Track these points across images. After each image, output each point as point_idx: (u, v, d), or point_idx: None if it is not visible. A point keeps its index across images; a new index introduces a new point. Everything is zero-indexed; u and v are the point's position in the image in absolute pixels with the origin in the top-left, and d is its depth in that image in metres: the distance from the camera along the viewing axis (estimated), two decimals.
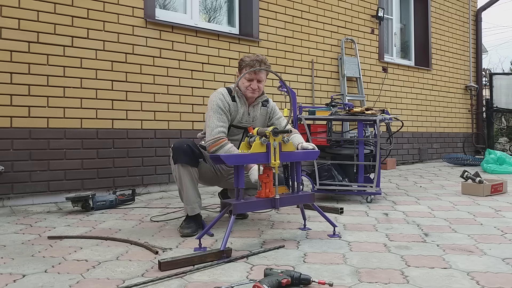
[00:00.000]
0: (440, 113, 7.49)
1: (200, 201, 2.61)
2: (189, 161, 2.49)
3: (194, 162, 2.52)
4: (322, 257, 2.02)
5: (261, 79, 2.63)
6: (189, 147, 2.49)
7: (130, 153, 3.98)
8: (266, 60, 2.64)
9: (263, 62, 2.61)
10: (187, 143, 2.51)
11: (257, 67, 2.56)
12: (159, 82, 4.16)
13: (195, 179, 2.55)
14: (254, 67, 2.56)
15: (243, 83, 2.62)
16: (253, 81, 2.60)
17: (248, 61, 2.60)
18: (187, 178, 2.50)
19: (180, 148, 2.48)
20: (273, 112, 2.81)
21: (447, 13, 7.67)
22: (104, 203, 3.29)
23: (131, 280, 1.74)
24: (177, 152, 2.48)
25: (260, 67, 2.57)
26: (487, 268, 1.84)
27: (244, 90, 2.63)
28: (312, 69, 5.51)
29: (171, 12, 4.54)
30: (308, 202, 2.42)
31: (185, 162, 2.48)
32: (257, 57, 2.62)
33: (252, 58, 2.61)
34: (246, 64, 2.60)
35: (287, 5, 5.26)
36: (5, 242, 2.35)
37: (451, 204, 3.37)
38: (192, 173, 2.52)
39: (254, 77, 2.60)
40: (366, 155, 3.63)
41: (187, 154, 2.48)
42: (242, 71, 2.63)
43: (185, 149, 2.48)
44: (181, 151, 2.48)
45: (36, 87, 3.51)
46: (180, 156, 2.48)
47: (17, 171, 3.42)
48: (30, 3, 3.48)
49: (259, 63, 2.59)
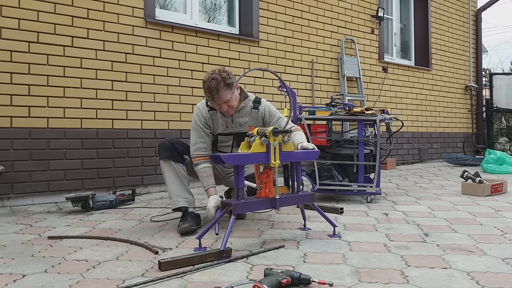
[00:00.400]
0: (440, 113, 7.49)
1: (191, 198, 2.63)
2: (171, 156, 2.59)
3: (176, 157, 2.61)
4: (322, 257, 2.02)
5: (225, 99, 2.47)
6: (171, 143, 2.60)
7: (130, 153, 3.98)
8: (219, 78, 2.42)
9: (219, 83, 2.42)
10: (169, 140, 2.64)
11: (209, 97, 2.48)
12: (159, 82, 4.16)
13: (180, 174, 2.61)
14: (211, 93, 2.44)
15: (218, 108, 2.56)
16: (221, 104, 2.51)
17: (205, 87, 2.46)
18: (170, 173, 2.60)
19: (162, 145, 2.62)
20: (270, 115, 2.67)
21: (447, 13, 7.67)
22: (104, 203, 3.29)
23: (131, 280, 1.74)
24: (160, 148, 2.62)
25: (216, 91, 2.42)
26: (487, 268, 1.84)
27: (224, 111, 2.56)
28: (312, 69, 5.51)
29: (171, 12, 4.54)
30: (308, 202, 2.41)
31: (166, 157, 2.58)
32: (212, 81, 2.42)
33: (208, 85, 2.44)
34: (205, 90, 2.48)
35: (287, 5, 5.26)
36: (5, 242, 2.35)
37: (451, 204, 3.37)
38: (175, 168, 2.60)
39: (218, 102, 2.49)
40: (366, 155, 3.63)
41: (168, 149, 2.59)
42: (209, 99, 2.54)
43: (166, 145, 2.60)
44: (163, 147, 2.61)
45: (36, 87, 3.51)
46: (162, 151, 2.61)
47: (17, 171, 3.42)
48: (30, 3, 3.48)
49: (215, 89, 2.42)
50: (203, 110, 2.65)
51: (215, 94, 2.44)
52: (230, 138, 2.68)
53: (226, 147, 2.70)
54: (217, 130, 2.66)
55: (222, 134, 2.67)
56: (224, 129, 2.66)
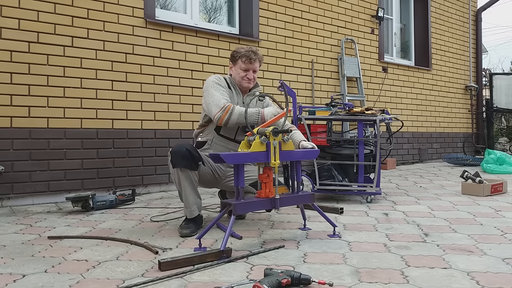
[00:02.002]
0: (440, 113, 7.49)
1: (200, 201, 2.60)
2: (188, 165, 2.46)
3: (193, 166, 2.49)
4: (322, 257, 2.02)
5: (256, 69, 2.73)
6: (188, 151, 2.44)
7: (130, 153, 3.98)
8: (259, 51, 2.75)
9: (257, 52, 2.72)
10: (186, 147, 2.47)
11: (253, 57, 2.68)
12: (159, 82, 4.16)
13: (195, 182, 2.53)
14: (250, 57, 2.67)
15: (239, 74, 2.71)
16: (249, 71, 2.70)
17: (243, 52, 2.68)
18: (186, 182, 2.48)
19: (179, 152, 2.44)
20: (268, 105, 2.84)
21: (447, 13, 7.67)
22: (104, 203, 3.29)
23: (131, 280, 1.74)
24: (176, 156, 2.44)
25: (255, 56, 2.69)
26: (487, 268, 1.84)
27: (240, 80, 2.72)
28: (312, 69, 5.51)
29: (171, 12, 4.54)
30: (308, 202, 2.42)
31: (184, 166, 2.45)
32: (251, 48, 2.71)
33: (247, 49, 2.70)
34: (242, 55, 2.68)
35: (287, 5, 5.26)
36: (5, 242, 2.35)
37: (451, 204, 3.37)
38: (191, 176, 2.49)
39: (250, 67, 2.69)
40: (366, 155, 3.63)
41: (186, 158, 2.44)
42: (238, 61, 2.71)
43: (184, 153, 2.43)
44: (180, 155, 2.43)
45: (36, 87, 3.51)
46: (179, 160, 2.44)
47: (17, 171, 3.42)
48: (30, 3, 3.48)
49: (254, 53, 2.69)
50: (223, 81, 2.70)
51: (253, 56, 2.68)
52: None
53: (230, 131, 2.69)
54: None
55: None
56: None
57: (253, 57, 2.68)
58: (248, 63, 2.68)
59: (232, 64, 2.76)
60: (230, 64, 2.79)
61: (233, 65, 2.76)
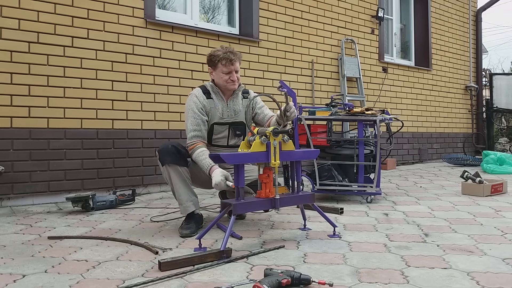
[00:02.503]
0: (440, 113, 7.49)
1: (196, 199, 2.59)
2: (176, 161, 2.50)
3: (181, 161, 2.52)
4: (322, 257, 2.02)
5: (238, 69, 2.63)
6: (174, 147, 2.51)
7: (130, 153, 3.98)
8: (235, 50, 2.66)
9: (235, 52, 2.62)
10: (172, 143, 2.54)
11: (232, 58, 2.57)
12: (159, 82, 4.16)
13: (186, 178, 2.54)
14: (230, 58, 2.56)
15: (221, 78, 2.61)
16: (232, 73, 2.60)
17: (222, 55, 2.57)
18: (176, 178, 2.51)
19: (165, 149, 2.51)
20: (255, 101, 2.78)
21: (447, 13, 7.67)
22: (104, 203, 3.29)
23: (131, 280, 1.74)
24: (163, 153, 2.51)
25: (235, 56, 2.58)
26: (487, 268, 1.84)
27: (224, 84, 2.63)
28: (312, 69, 5.51)
29: (171, 12, 4.54)
30: (308, 202, 2.42)
31: (172, 162, 2.49)
32: (228, 48, 2.61)
33: (224, 51, 2.59)
34: (221, 58, 2.57)
35: (287, 5, 5.26)
36: (5, 242, 2.35)
37: (451, 204, 3.37)
38: (181, 172, 2.52)
39: (232, 68, 2.59)
40: (366, 155, 3.63)
41: (172, 154, 2.49)
42: (217, 65, 2.59)
43: (170, 149, 2.50)
44: (166, 151, 2.50)
45: (36, 87, 3.51)
46: (166, 156, 2.50)
47: (17, 171, 3.42)
48: (30, 3, 3.48)
49: (232, 54, 2.58)
50: (201, 97, 2.62)
51: (233, 57, 2.57)
52: (226, 128, 2.68)
53: (222, 139, 2.68)
54: (214, 119, 2.64)
55: (218, 123, 2.65)
56: (221, 118, 2.65)
57: (232, 58, 2.57)
58: (229, 65, 2.57)
59: (212, 69, 2.65)
60: (210, 69, 2.67)
61: (213, 69, 2.65)
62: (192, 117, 2.58)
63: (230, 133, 2.68)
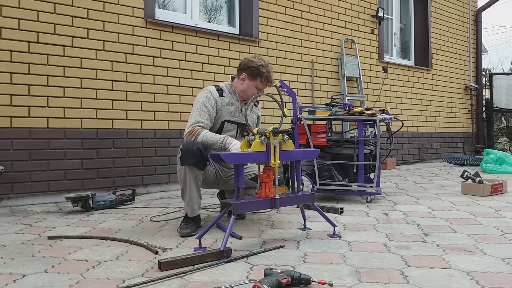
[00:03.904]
0: (440, 113, 7.49)
1: (200, 201, 2.61)
2: (197, 164, 2.46)
3: (201, 165, 2.50)
4: (322, 257, 2.02)
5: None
6: (199, 150, 2.44)
7: (130, 153, 3.98)
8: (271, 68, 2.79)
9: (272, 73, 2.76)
10: (198, 145, 2.46)
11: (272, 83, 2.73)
12: (159, 82, 4.16)
13: (199, 182, 2.54)
14: (271, 81, 2.73)
15: (252, 90, 2.71)
16: (260, 90, 2.73)
17: (265, 74, 2.68)
18: (192, 181, 2.49)
19: (191, 150, 2.44)
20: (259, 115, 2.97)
21: (447, 13, 7.67)
22: (104, 203, 3.29)
23: (131, 280, 1.74)
24: (187, 153, 2.44)
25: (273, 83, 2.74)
26: (487, 268, 1.84)
27: (249, 95, 2.72)
28: (312, 69, 5.51)
29: (171, 12, 4.54)
30: (308, 202, 2.42)
31: (192, 165, 2.45)
32: (269, 67, 2.72)
33: (268, 70, 2.70)
34: (264, 77, 2.69)
35: (287, 5, 5.26)
36: (5, 242, 2.35)
37: (451, 204, 3.37)
38: (198, 176, 2.50)
39: (265, 87, 2.73)
40: (366, 155, 3.63)
41: (195, 156, 2.44)
42: (256, 79, 2.69)
43: (195, 151, 2.44)
44: (191, 153, 2.44)
45: (36, 87, 3.51)
46: (189, 158, 2.44)
47: (17, 171, 3.42)
48: (30, 3, 3.48)
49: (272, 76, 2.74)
50: (215, 93, 2.67)
51: (272, 80, 2.75)
52: (235, 127, 2.72)
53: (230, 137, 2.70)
54: (224, 117, 2.67)
55: (229, 121, 2.69)
56: (232, 116, 2.70)
57: (272, 81, 2.73)
58: (266, 84, 2.72)
59: (248, 78, 2.70)
60: (243, 75, 2.71)
61: (248, 79, 2.70)
62: (200, 110, 2.59)
63: (238, 133, 2.73)
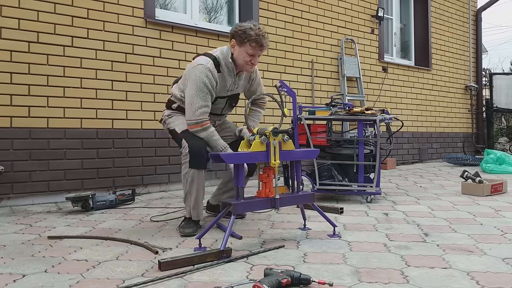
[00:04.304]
0: (440, 113, 7.49)
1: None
2: (204, 165, 2.46)
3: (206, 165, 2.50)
4: (322, 257, 2.02)
5: (261, 55, 2.56)
6: (207, 153, 2.43)
7: (130, 153, 3.98)
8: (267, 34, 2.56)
9: (267, 37, 2.51)
10: (205, 148, 2.45)
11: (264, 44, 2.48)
12: (159, 82, 4.16)
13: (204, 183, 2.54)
14: (262, 44, 2.46)
15: (243, 57, 2.50)
16: (255, 56, 2.52)
17: (254, 36, 2.44)
18: (200, 184, 2.47)
19: (198, 153, 2.41)
20: (256, 75, 2.76)
21: (447, 13, 7.67)
22: (104, 203, 3.29)
23: (131, 280, 1.74)
24: (196, 156, 2.41)
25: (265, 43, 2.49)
26: (487, 268, 1.84)
27: (243, 64, 2.53)
28: (312, 69, 5.51)
29: (171, 12, 4.54)
30: (308, 202, 2.42)
31: (200, 168, 2.44)
32: (261, 31, 2.48)
33: (257, 32, 2.45)
34: (253, 39, 2.44)
35: (287, 5, 5.26)
36: (5, 242, 2.35)
37: (451, 204, 3.37)
38: (203, 177, 2.50)
39: (258, 53, 2.51)
40: (366, 155, 3.63)
41: (204, 160, 2.43)
42: (246, 44, 2.46)
43: (203, 155, 2.43)
44: (199, 156, 2.41)
45: (36, 87, 3.51)
46: (198, 161, 2.41)
47: (17, 171, 3.42)
48: (30, 3, 3.48)
49: (264, 38, 2.48)
50: (214, 71, 2.49)
51: (264, 43, 2.47)
52: (225, 100, 2.68)
53: (217, 109, 2.67)
54: (219, 94, 2.60)
55: (220, 96, 2.63)
56: (225, 92, 2.64)
57: (263, 43, 2.47)
58: (258, 49, 2.48)
59: (237, 44, 2.50)
60: (233, 42, 2.52)
61: (238, 45, 2.50)
62: (202, 91, 2.45)
63: (226, 104, 2.71)
